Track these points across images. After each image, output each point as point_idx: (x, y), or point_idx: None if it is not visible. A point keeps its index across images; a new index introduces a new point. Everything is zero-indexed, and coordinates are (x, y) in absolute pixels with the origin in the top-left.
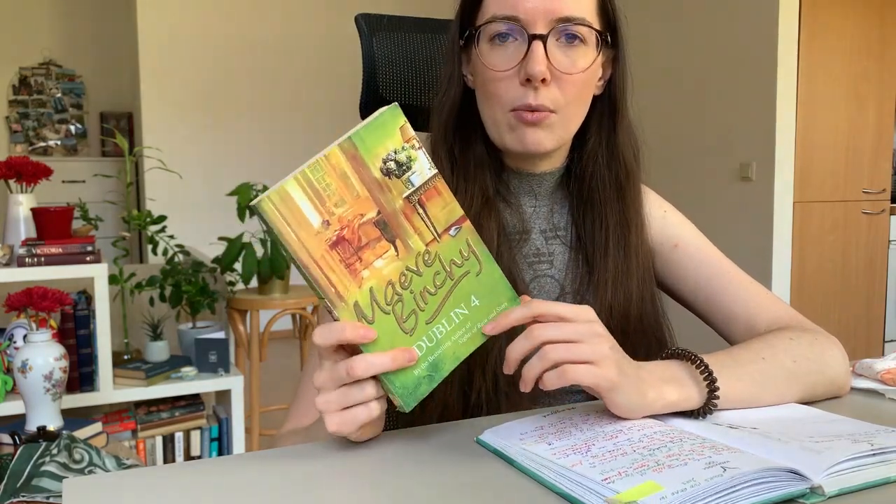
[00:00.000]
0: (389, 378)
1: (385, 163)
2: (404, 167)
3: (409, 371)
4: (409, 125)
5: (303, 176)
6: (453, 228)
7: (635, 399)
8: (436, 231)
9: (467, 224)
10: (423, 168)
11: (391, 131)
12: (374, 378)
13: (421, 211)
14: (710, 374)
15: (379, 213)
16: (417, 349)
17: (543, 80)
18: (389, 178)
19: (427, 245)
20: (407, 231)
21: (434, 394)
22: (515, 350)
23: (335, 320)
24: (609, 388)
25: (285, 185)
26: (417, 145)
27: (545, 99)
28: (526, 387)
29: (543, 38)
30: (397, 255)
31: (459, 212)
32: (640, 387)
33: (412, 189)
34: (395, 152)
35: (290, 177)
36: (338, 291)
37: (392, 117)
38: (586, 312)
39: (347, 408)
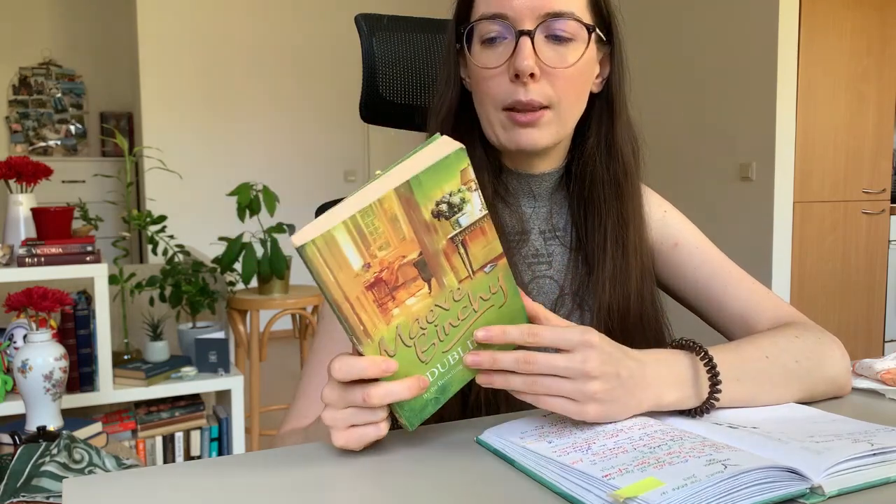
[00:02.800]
0: (400, 403)
1: (438, 205)
2: (456, 209)
3: (419, 395)
4: (471, 168)
5: (352, 221)
6: (489, 266)
7: (614, 416)
8: (471, 269)
9: (503, 262)
10: (475, 209)
11: (452, 175)
12: None
13: (462, 251)
14: (715, 373)
15: (420, 254)
16: (430, 375)
17: (532, 76)
18: (439, 219)
19: (460, 282)
20: (444, 269)
21: None
22: (499, 363)
23: (358, 352)
24: (581, 418)
25: (333, 231)
26: (474, 187)
27: (536, 94)
28: (492, 385)
29: (530, 34)
30: (430, 293)
31: (499, 249)
32: (626, 403)
33: (459, 230)
34: (451, 195)
35: (339, 221)
36: (366, 329)
37: (457, 160)
38: (584, 347)
39: (355, 425)
